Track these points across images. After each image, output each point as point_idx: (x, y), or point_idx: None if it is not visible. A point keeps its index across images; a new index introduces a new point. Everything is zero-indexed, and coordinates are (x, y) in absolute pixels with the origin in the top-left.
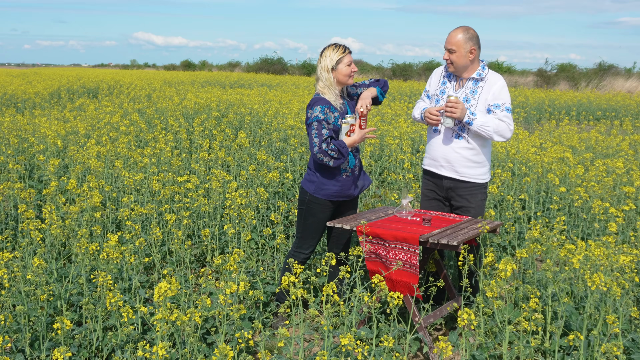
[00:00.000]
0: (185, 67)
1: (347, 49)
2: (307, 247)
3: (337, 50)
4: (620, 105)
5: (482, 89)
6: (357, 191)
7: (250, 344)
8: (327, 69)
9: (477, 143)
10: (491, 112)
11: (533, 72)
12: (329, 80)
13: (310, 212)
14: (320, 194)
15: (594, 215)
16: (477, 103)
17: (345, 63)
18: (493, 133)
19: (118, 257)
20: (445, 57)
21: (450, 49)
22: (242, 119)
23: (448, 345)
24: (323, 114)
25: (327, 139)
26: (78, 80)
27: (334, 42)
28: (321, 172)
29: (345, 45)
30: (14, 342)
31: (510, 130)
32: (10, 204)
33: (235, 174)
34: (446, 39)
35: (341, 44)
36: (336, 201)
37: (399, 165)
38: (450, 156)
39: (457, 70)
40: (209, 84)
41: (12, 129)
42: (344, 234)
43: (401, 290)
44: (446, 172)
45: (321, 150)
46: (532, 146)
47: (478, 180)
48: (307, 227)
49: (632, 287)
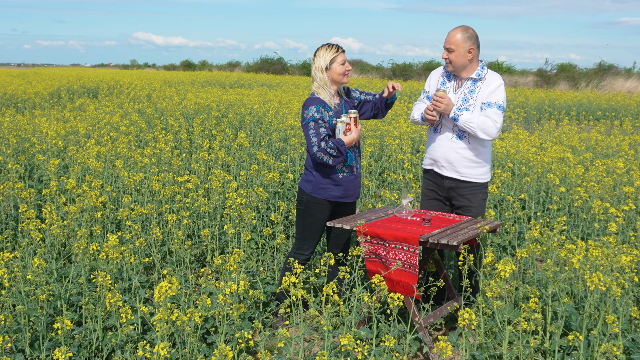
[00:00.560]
0: (185, 67)
1: (340, 48)
2: (307, 248)
3: (330, 49)
4: (620, 105)
5: (480, 89)
6: (356, 195)
7: (250, 344)
8: (321, 69)
9: (478, 143)
10: (482, 109)
11: (533, 72)
12: (323, 80)
13: (308, 212)
14: (317, 193)
15: (594, 215)
16: (476, 102)
17: (338, 62)
18: (477, 129)
19: (118, 257)
20: (444, 56)
21: (449, 48)
22: (242, 119)
23: (448, 345)
24: (318, 113)
25: (325, 137)
26: (78, 80)
27: (327, 43)
28: (319, 172)
29: (338, 44)
30: (14, 342)
31: (496, 128)
32: (10, 204)
33: (235, 174)
34: (445, 38)
35: (334, 44)
36: (334, 201)
37: (399, 165)
38: (451, 156)
39: (455, 70)
40: (209, 84)
41: (12, 129)
42: (343, 234)
43: (401, 291)
44: (447, 172)
45: (320, 148)
46: (532, 146)
47: (479, 180)
48: (306, 227)
49: (632, 287)
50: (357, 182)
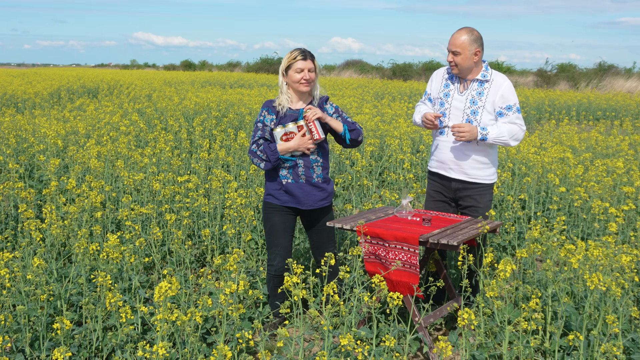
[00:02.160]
0: (185, 67)
1: (301, 55)
2: (274, 258)
3: (291, 55)
4: (620, 105)
5: (489, 91)
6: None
7: (251, 344)
8: (281, 72)
9: (487, 145)
10: (503, 115)
11: (533, 72)
12: (281, 83)
13: (265, 217)
14: (267, 198)
15: (594, 215)
16: (485, 105)
17: (294, 69)
18: (509, 140)
19: (118, 257)
20: (449, 59)
21: (455, 51)
22: (242, 118)
23: (448, 345)
24: (261, 115)
25: (258, 141)
26: (78, 80)
27: (297, 47)
28: (265, 176)
29: (302, 50)
30: (14, 342)
31: (523, 131)
32: (10, 204)
33: (235, 174)
34: (449, 40)
35: (298, 49)
36: (290, 207)
37: (399, 165)
38: (460, 159)
39: (461, 72)
40: (209, 84)
41: (12, 129)
42: (322, 240)
43: (401, 291)
44: (455, 174)
45: (251, 151)
46: (532, 146)
47: (487, 181)
48: (267, 234)
49: (632, 287)
50: (305, 190)
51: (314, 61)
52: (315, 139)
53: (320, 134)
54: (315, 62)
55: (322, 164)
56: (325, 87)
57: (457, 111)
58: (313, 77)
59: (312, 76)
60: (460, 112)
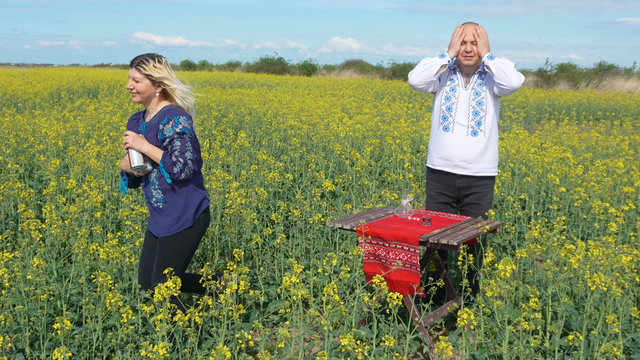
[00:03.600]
0: (185, 67)
1: (132, 63)
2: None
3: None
4: (620, 105)
5: (487, 76)
6: (152, 229)
7: (251, 344)
8: None
9: (491, 135)
10: (494, 57)
11: (533, 72)
12: None
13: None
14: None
15: (594, 215)
16: (488, 91)
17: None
18: (513, 69)
19: (118, 257)
20: (468, 50)
21: (475, 40)
22: (242, 119)
23: (448, 345)
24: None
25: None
26: (78, 80)
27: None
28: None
29: (138, 58)
30: (14, 342)
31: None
32: (10, 204)
33: (235, 174)
34: (466, 31)
35: (135, 58)
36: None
37: (399, 165)
38: (467, 154)
39: (475, 63)
40: (209, 84)
41: (12, 129)
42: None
43: (401, 291)
44: (462, 170)
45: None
46: (532, 146)
47: (491, 173)
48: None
49: (632, 287)
50: (152, 214)
51: (141, 69)
52: (132, 166)
53: (137, 162)
54: (148, 69)
55: (161, 187)
56: (325, 87)
57: (463, 105)
58: (141, 89)
59: (138, 87)
60: (466, 105)
